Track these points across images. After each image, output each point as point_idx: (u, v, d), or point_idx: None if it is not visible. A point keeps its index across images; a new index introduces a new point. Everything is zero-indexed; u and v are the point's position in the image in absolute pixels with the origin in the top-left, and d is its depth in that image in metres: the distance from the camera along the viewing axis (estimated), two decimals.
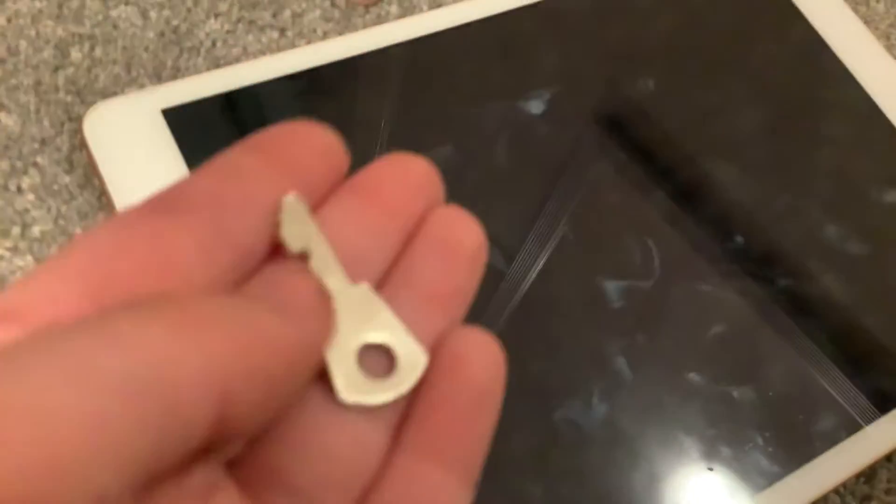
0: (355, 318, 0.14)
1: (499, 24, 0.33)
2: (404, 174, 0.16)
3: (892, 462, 0.30)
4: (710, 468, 0.27)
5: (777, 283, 0.31)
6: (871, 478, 0.29)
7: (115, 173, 0.27)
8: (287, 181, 0.15)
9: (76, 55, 0.30)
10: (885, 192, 0.34)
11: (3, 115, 0.29)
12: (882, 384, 0.30)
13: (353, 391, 0.14)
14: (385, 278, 0.15)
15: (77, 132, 0.29)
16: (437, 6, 0.35)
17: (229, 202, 0.14)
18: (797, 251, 0.32)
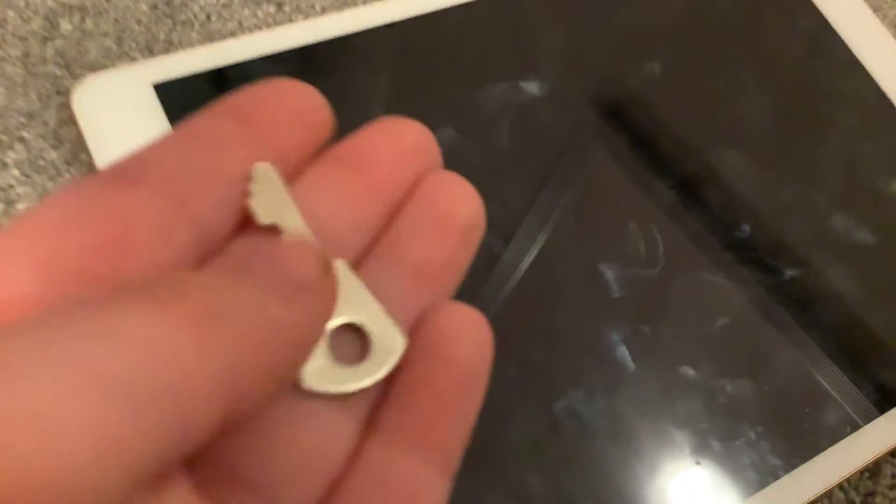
0: None
1: (502, 3, 0.33)
2: (394, 140, 0.15)
3: None
4: (706, 462, 0.27)
5: (783, 273, 0.30)
6: (875, 473, 0.29)
7: (104, 149, 0.26)
8: (260, 148, 0.14)
9: (66, 26, 0.29)
10: (893, 182, 0.33)
11: None
12: (888, 379, 0.29)
13: (321, 378, 0.13)
14: (368, 252, 0.15)
15: (65, 106, 0.28)
16: None
17: (193, 173, 0.13)
18: (804, 241, 0.31)
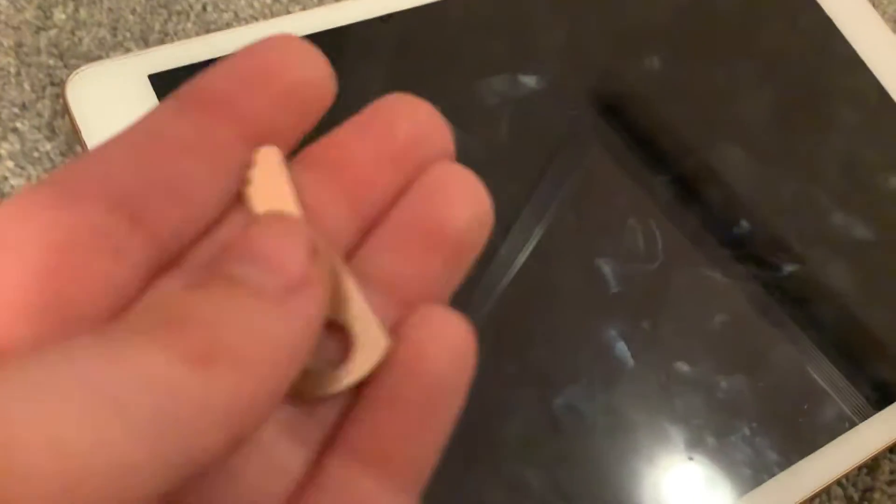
0: None
1: None
2: (389, 130, 0.13)
3: (895, 453, 0.29)
4: (705, 458, 0.27)
5: (782, 269, 0.30)
6: (873, 469, 0.29)
7: (99, 141, 0.26)
8: (230, 147, 0.12)
9: (59, 16, 0.29)
10: (892, 178, 0.33)
11: None
12: (887, 376, 0.29)
13: (301, 380, 0.12)
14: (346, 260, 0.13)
15: (59, 97, 0.28)
16: None
17: (147, 183, 0.11)
18: (803, 238, 0.31)
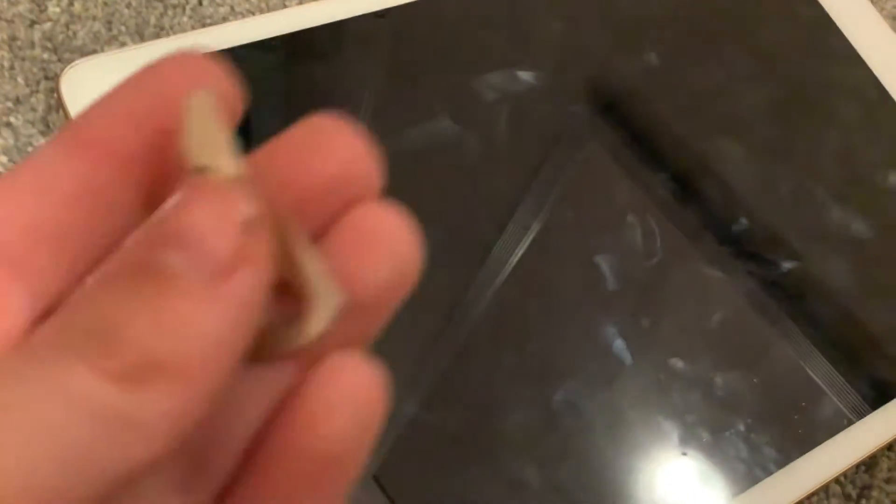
0: None
1: None
2: (320, 152, 0.12)
3: (893, 451, 0.29)
4: (703, 455, 0.26)
5: (780, 266, 0.30)
6: (871, 467, 0.29)
7: None
8: (115, 195, 0.12)
9: (53, 9, 0.29)
10: (891, 175, 0.33)
11: None
12: (885, 373, 0.29)
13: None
14: None
15: (53, 91, 0.27)
16: None
17: (26, 235, 0.11)
18: (801, 235, 0.31)
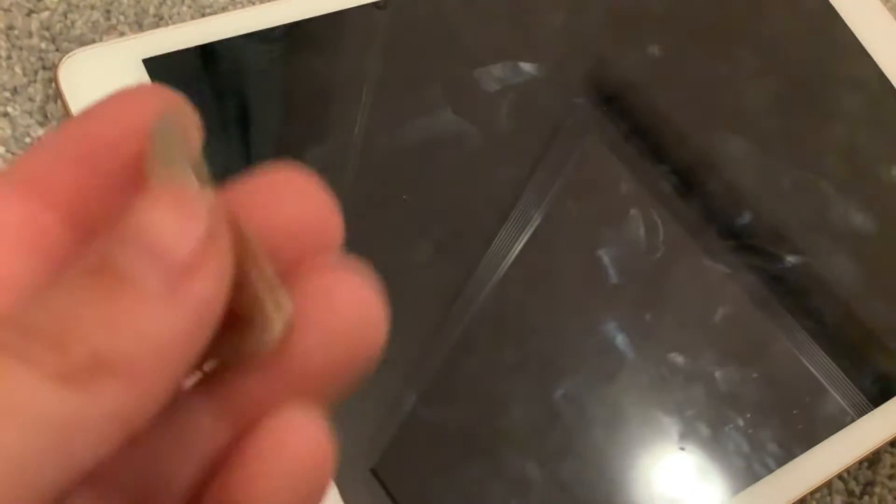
0: None
1: None
2: (279, 204, 0.12)
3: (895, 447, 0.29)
4: (702, 451, 0.26)
5: (785, 260, 0.30)
6: (874, 463, 0.28)
7: None
8: (54, 238, 0.11)
9: None
10: (895, 169, 0.33)
11: None
12: (888, 368, 0.29)
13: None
14: None
15: (52, 81, 0.27)
16: None
17: None
18: (805, 229, 0.31)
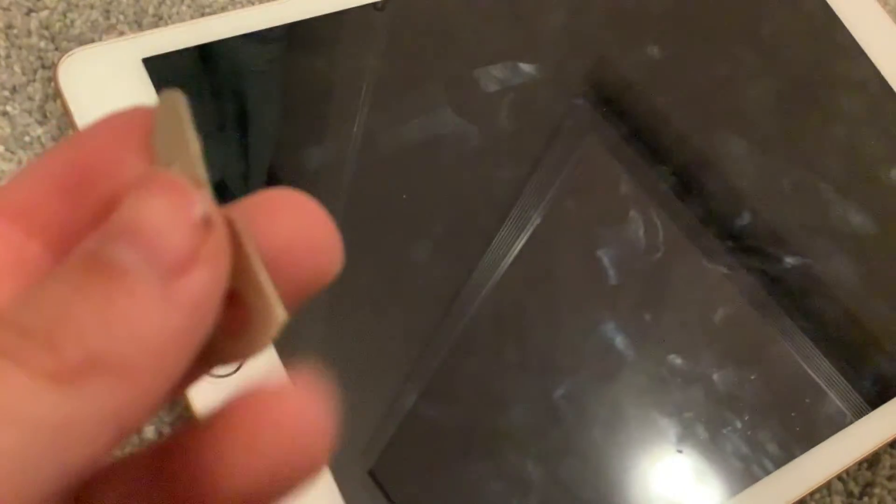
0: None
1: None
2: (278, 228, 0.12)
3: (895, 448, 0.29)
4: (702, 451, 0.26)
5: (784, 261, 0.30)
6: (874, 464, 0.28)
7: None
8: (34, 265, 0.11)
9: None
10: (894, 170, 0.33)
11: None
12: (887, 369, 0.29)
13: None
14: None
15: (51, 80, 0.27)
16: None
17: None
18: (804, 230, 0.31)
